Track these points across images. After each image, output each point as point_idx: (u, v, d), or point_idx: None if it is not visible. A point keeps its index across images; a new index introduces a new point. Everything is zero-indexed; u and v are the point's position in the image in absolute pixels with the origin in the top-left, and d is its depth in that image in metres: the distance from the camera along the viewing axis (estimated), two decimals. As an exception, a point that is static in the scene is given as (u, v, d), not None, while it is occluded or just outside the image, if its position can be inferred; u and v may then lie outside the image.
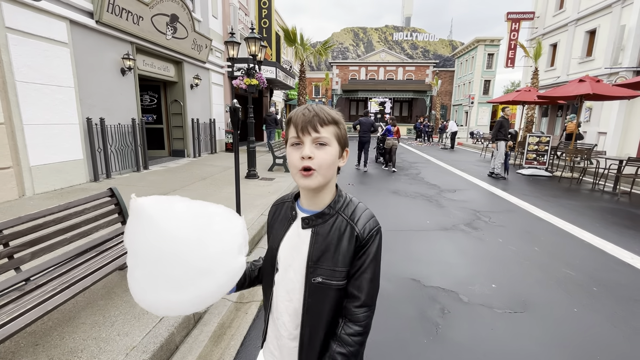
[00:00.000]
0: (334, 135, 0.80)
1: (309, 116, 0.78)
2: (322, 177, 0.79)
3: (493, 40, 33.75)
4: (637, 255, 3.63)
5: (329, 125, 0.80)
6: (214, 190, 5.89)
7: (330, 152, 0.79)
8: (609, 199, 6.60)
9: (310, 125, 0.78)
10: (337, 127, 0.81)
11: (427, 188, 7.15)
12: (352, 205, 0.86)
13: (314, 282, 0.82)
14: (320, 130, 0.78)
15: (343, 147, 0.84)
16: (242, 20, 14.02)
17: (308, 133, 0.78)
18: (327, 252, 0.82)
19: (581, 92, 8.25)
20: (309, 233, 0.84)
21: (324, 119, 0.79)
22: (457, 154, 15.00)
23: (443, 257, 3.56)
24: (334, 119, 0.81)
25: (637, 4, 12.46)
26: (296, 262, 0.85)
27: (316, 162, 0.77)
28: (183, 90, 9.80)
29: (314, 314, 0.84)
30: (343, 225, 0.83)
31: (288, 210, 0.91)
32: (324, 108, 0.81)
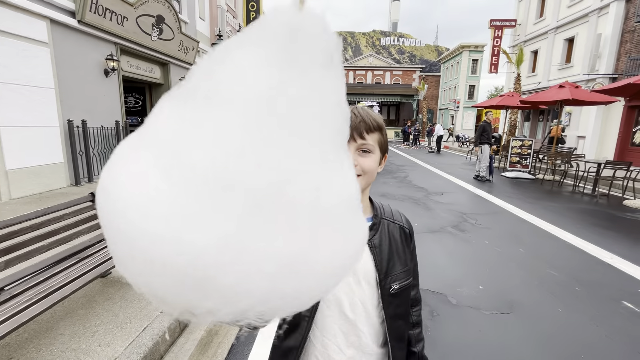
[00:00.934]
0: (377, 142, 0.78)
1: (356, 122, 0.76)
2: (366, 183, 0.78)
3: (477, 46, 34.64)
4: (616, 255, 3.74)
5: (374, 133, 0.78)
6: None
7: (374, 159, 0.78)
8: (589, 200, 6.81)
9: (357, 132, 0.75)
10: (381, 134, 0.79)
11: (415, 191, 7.23)
12: (387, 208, 0.90)
13: (392, 291, 0.81)
14: (366, 137, 0.76)
15: (383, 153, 0.82)
16: (230, 22, 13.94)
17: (354, 140, 0.76)
18: (392, 259, 0.83)
19: (561, 97, 8.54)
20: (367, 249, 0.80)
21: (370, 126, 0.76)
22: (444, 157, 15.25)
23: (431, 260, 3.59)
24: (379, 126, 0.79)
25: (612, 14, 13.02)
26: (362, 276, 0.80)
27: (359, 169, 0.76)
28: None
29: (395, 320, 0.83)
30: (394, 228, 0.86)
31: None
32: (370, 112, 0.80)
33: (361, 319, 0.80)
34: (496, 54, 20.76)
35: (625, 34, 12.82)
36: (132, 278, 0.38)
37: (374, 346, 0.83)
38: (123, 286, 2.62)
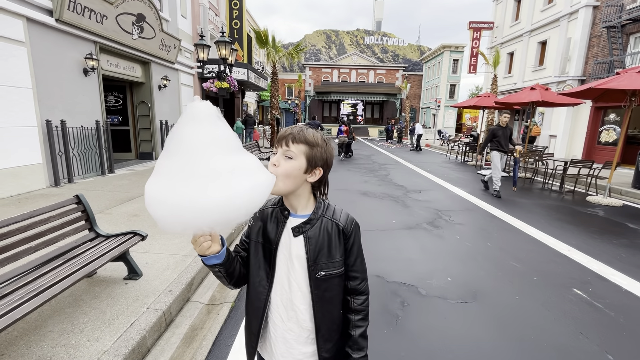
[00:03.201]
0: (302, 153, 0.92)
1: (286, 133, 0.95)
2: (282, 184, 0.91)
3: (458, 47, 35.49)
4: (573, 248, 4.09)
5: (300, 144, 0.92)
6: (184, 194, 5.83)
7: (293, 164, 0.92)
8: (556, 197, 7.27)
9: (284, 140, 0.93)
10: (308, 147, 0.93)
11: (395, 189, 7.50)
12: (332, 208, 1.03)
13: (318, 277, 0.97)
14: (290, 145, 0.92)
15: (313, 166, 0.94)
16: (213, 20, 13.84)
17: (280, 145, 0.94)
18: (322, 250, 0.97)
19: (532, 99, 9.01)
20: (301, 238, 0.97)
21: (295, 137, 0.93)
22: (424, 155, 15.69)
23: (406, 255, 3.82)
24: (306, 140, 0.93)
25: (580, 19, 13.72)
26: (296, 260, 0.98)
27: (279, 170, 0.92)
28: (151, 91, 9.55)
29: (324, 302, 1.00)
30: (329, 225, 0.99)
31: (278, 213, 1.02)
32: (305, 131, 0.95)
33: (297, 296, 0.99)
34: (475, 55, 21.42)
35: (592, 38, 13.55)
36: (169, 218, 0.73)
37: (310, 323, 1.01)
38: (109, 285, 2.72)
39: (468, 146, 14.22)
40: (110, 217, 4.46)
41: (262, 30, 14.99)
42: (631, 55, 11.89)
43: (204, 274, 3.22)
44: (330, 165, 1.00)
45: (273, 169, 0.92)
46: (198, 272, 3.09)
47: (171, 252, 3.43)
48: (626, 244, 4.37)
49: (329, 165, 0.99)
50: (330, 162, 0.99)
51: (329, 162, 0.99)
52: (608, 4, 12.63)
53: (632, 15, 11.42)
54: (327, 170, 1.00)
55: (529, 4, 17.38)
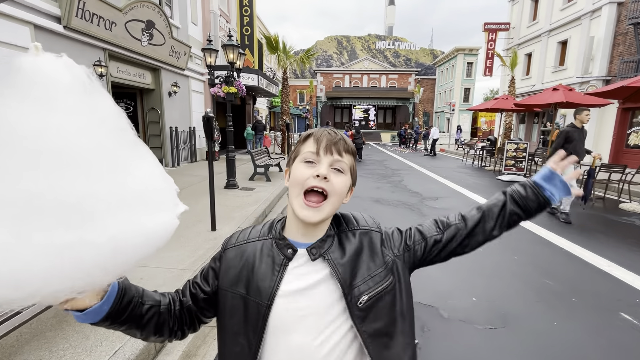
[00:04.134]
0: (350, 166, 0.75)
1: (336, 138, 0.73)
2: (331, 208, 0.70)
3: (472, 49, 34.84)
4: (613, 263, 3.65)
5: (350, 155, 0.75)
6: (190, 202, 5.62)
7: (346, 181, 0.73)
8: (585, 204, 6.74)
9: (335, 147, 0.72)
10: (354, 160, 0.77)
11: (409, 196, 7.13)
12: (350, 216, 0.81)
13: (360, 305, 0.68)
14: (343, 155, 0.73)
15: (354, 182, 0.78)
16: (223, 27, 13.89)
17: (330, 153, 0.71)
18: (358, 266, 0.71)
19: (555, 100, 8.50)
20: (324, 264, 0.70)
21: (348, 146, 0.75)
22: (439, 161, 15.21)
23: (423, 269, 3.47)
24: (354, 151, 0.77)
25: (604, 17, 13.09)
26: (315, 303, 0.68)
27: (331, 186, 0.69)
28: (160, 98, 9.53)
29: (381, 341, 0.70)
30: (357, 234, 0.76)
31: (275, 248, 0.73)
32: (347, 139, 0.77)
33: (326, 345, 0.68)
34: (490, 57, 20.85)
35: (617, 36, 12.89)
36: None
37: None
38: (97, 304, 2.49)
39: (485, 150, 13.68)
40: (112, 226, 4.29)
41: (272, 36, 14.96)
42: (661, 52, 11.20)
43: (203, 290, 2.97)
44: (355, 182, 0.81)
45: (324, 185, 0.67)
46: (196, 289, 2.84)
47: (169, 265, 3.20)
48: (674, 258, 3.89)
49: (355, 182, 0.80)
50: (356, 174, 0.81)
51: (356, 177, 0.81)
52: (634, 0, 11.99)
53: (662, 11, 10.77)
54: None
55: (547, 3, 16.79)
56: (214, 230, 4.20)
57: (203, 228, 4.29)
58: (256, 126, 14.69)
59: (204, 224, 4.42)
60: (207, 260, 3.34)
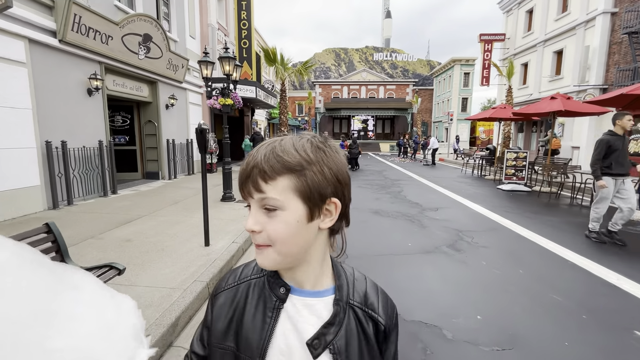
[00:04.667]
0: (292, 190, 0.51)
1: (248, 167, 0.52)
2: (281, 256, 0.53)
3: (468, 60, 35.24)
4: (622, 276, 3.50)
5: (283, 177, 0.51)
6: (185, 216, 5.53)
7: (283, 220, 0.51)
8: (587, 213, 6.59)
9: (252, 181, 0.52)
10: (297, 177, 0.51)
11: (409, 207, 7.00)
12: (360, 285, 0.63)
13: None
14: (264, 188, 0.51)
15: (319, 202, 0.53)
16: (222, 40, 14.00)
17: (249, 194, 0.52)
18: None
19: (553, 109, 8.47)
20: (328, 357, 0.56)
21: (265, 170, 0.51)
22: (439, 170, 15.12)
23: (425, 285, 3.33)
24: (286, 165, 0.51)
25: (598, 26, 13.23)
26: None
27: (264, 236, 0.52)
28: (158, 111, 9.49)
29: None
30: (363, 321, 0.59)
31: (265, 288, 0.60)
32: (279, 148, 0.52)
33: None
34: (487, 67, 21.02)
35: (612, 45, 12.99)
36: None
37: None
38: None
39: (484, 160, 13.62)
40: (101, 242, 4.15)
41: (270, 48, 15.08)
42: (657, 60, 11.26)
43: (192, 311, 2.81)
44: (346, 182, 0.56)
45: (256, 238, 0.52)
46: (185, 310, 2.69)
47: (158, 284, 3.05)
48: (685, 270, 3.74)
49: (344, 184, 0.56)
50: (343, 177, 0.55)
51: (342, 178, 0.55)
52: (628, 9, 12.12)
53: (655, 20, 10.88)
54: (346, 193, 0.56)
55: (541, 14, 17.02)
56: (208, 245, 4.06)
57: (196, 243, 4.15)
58: (255, 138, 14.65)
59: (198, 238, 4.28)
60: (198, 277, 3.19)
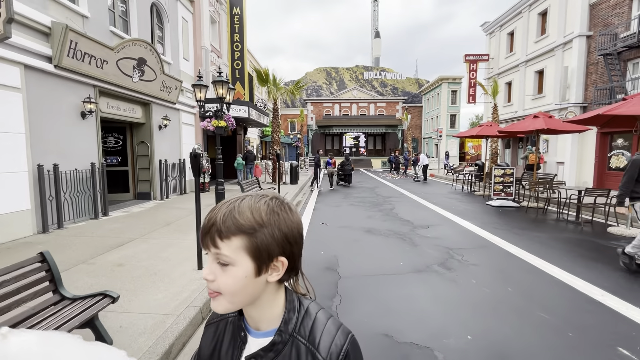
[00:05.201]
0: (243, 249, 0.59)
1: (209, 224, 0.60)
2: (231, 304, 0.61)
3: (455, 78, 36.41)
4: (606, 292, 3.61)
5: (236, 237, 0.59)
6: (177, 238, 5.51)
7: (235, 274, 0.59)
8: (573, 228, 6.79)
9: (210, 237, 0.60)
10: (249, 238, 0.59)
11: (401, 225, 7.10)
12: (310, 320, 0.65)
13: None
14: (219, 245, 0.59)
15: (267, 260, 0.61)
16: (215, 62, 14.30)
17: (207, 247, 0.61)
18: None
19: (536, 127, 8.81)
20: None
21: (222, 230, 0.58)
22: (430, 187, 15.35)
23: (417, 305, 3.38)
24: (240, 228, 0.59)
25: (575, 48, 13.94)
26: None
27: (216, 285, 0.60)
28: (150, 132, 9.56)
29: None
30: (302, 354, 0.62)
31: (235, 329, 0.68)
32: (237, 210, 0.60)
33: None
34: (473, 86, 21.76)
35: (589, 66, 13.66)
36: None
37: None
38: None
39: (474, 175, 13.91)
40: (93, 267, 4.11)
41: (263, 69, 15.44)
42: (631, 80, 11.86)
43: (186, 337, 2.81)
44: (296, 242, 0.64)
45: (210, 286, 0.61)
46: (178, 337, 2.69)
47: (151, 310, 3.04)
48: (665, 284, 3.87)
49: (293, 244, 0.64)
50: (293, 237, 0.63)
51: (292, 238, 0.63)
52: (601, 33, 12.85)
53: (627, 43, 11.54)
54: (293, 251, 0.64)
55: (522, 36, 17.87)
56: (201, 268, 4.06)
57: (189, 267, 4.14)
58: (247, 156, 14.76)
59: (191, 262, 4.28)
60: (191, 303, 3.19)
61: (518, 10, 18.07)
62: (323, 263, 4.64)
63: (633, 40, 11.34)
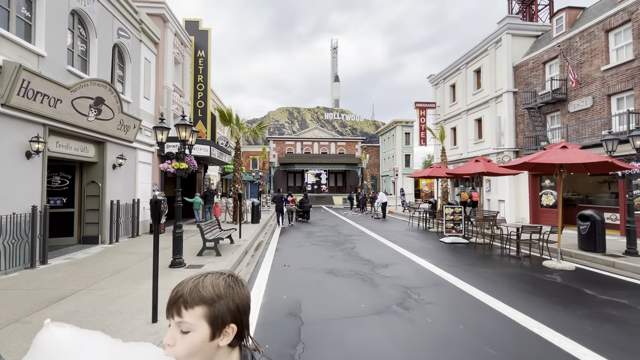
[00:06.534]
0: (203, 317, 0.74)
1: (176, 296, 0.75)
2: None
3: (408, 122, 39.59)
4: (542, 324, 4.01)
5: (196, 307, 0.74)
6: (128, 287, 5.15)
7: (192, 339, 0.73)
8: (515, 263, 7.46)
9: (175, 307, 0.75)
10: (209, 308, 0.75)
11: (362, 264, 7.29)
12: None
13: None
14: (183, 314, 0.74)
15: (220, 327, 0.75)
16: (177, 101, 14.30)
17: (171, 316, 0.75)
18: None
19: (477, 170, 9.85)
20: None
21: (187, 301, 0.74)
22: (388, 224, 15.96)
23: (378, 348, 3.48)
24: (202, 299, 0.74)
25: (505, 102, 16.11)
26: None
27: (175, 350, 0.73)
28: (103, 171, 9.10)
29: None
30: None
31: None
32: (201, 285, 0.76)
33: None
34: (423, 130, 23.78)
35: (518, 117, 15.79)
36: None
37: None
38: None
39: (428, 213, 14.82)
40: (28, 327, 3.70)
41: (226, 109, 15.68)
42: (551, 131, 13.87)
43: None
44: (246, 311, 0.81)
45: (168, 351, 0.74)
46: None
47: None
48: (589, 314, 4.39)
49: (243, 313, 0.80)
50: (243, 308, 0.80)
51: (242, 308, 0.80)
52: (524, 90, 15.11)
53: (544, 100, 13.65)
54: (242, 320, 0.80)
55: (462, 88, 20.30)
56: (156, 321, 3.83)
57: (142, 320, 3.89)
58: (207, 195, 14.38)
59: (144, 314, 4.03)
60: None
61: (457, 67, 20.67)
62: (286, 309, 4.61)
63: (548, 98, 13.46)
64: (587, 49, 12.31)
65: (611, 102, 11.55)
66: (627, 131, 9.82)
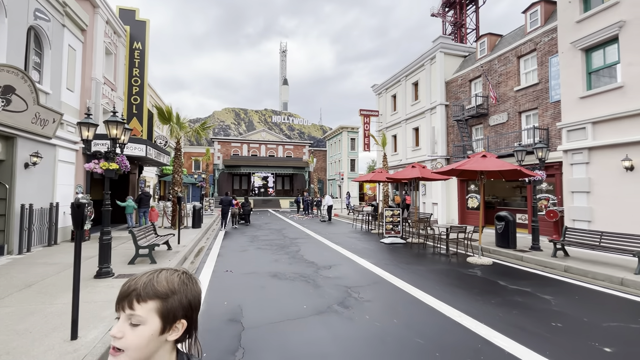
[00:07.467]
0: (154, 311, 0.75)
1: (129, 290, 0.76)
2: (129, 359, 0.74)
3: (353, 128, 41.13)
4: (463, 313, 4.50)
5: (149, 301, 0.75)
6: (42, 303, 4.55)
7: (142, 333, 0.74)
8: (444, 260, 8.22)
9: (127, 300, 0.75)
10: (161, 301, 0.76)
11: (306, 267, 7.39)
12: None
13: None
14: (135, 307, 0.74)
15: (171, 321, 0.77)
16: (108, 95, 13.02)
17: (122, 309, 0.75)
18: None
19: (413, 175, 10.67)
20: None
21: (141, 294, 0.75)
22: (334, 226, 16.38)
23: (319, 349, 3.57)
24: (157, 294, 0.76)
25: (438, 113, 17.67)
26: None
27: (123, 342, 0.73)
28: (12, 171, 7.90)
29: None
30: None
31: None
32: (156, 280, 0.78)
33: None
34: (367, 137, 24.96)
35: (449, 127, 17.43)
36: None
37: None
38: None
39: (370, 215, 15.57)
40: None
41: (165, 106, 14.70)
42: (475, 141, 15.58)
43: None
44: (196, 308, 0.83)
45: (116, 342, 0.73)
46: None
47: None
48: (500, 302, 5.04)
49: (194, 309, 0.82)
50: (195, 304, 0.82)
51: (194, 305, 0.82)
52: (454, 104, 16.77)
53: (470, 113, 15.32)
54: (193, 316, 0.82)
55: (402, 99, 21.78)
56: (75, 338, 3.45)
57: (59, 338, 3.47)
58: (141, 198, 13.26)
59: (61, 331, 3.60)
60: (61, 383, 2.68)
61: (398, 79, 22.14)
62: (226, 315, 4.48)
63: (473, 112, 15.12)
64: (504, 71, 14.14)
65: (521, 118, 13.41)
66: (533, 144, 11.47)
